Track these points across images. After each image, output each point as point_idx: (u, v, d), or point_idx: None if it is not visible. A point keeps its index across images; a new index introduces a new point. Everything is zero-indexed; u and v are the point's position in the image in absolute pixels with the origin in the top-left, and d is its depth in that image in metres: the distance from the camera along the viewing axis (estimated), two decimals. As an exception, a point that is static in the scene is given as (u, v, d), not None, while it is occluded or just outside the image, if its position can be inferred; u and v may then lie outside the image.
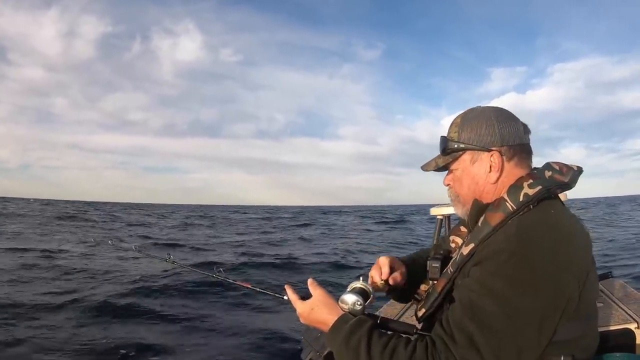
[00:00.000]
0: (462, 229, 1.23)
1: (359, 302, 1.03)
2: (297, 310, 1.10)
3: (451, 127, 1.10)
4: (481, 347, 0.85)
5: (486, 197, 1.06)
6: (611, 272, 2.66)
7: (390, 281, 1.19)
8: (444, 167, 1.13)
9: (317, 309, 1.05)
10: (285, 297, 1.16)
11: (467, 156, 1.07)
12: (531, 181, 0.99)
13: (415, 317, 1.13)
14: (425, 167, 1.16)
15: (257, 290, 1.35)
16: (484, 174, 1.05)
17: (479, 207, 1.05)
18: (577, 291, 0.90)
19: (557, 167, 1.04)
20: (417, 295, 1.27)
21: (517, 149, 1.04)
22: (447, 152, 1.09)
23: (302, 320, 1.10)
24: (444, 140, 1.10)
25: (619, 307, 2.19)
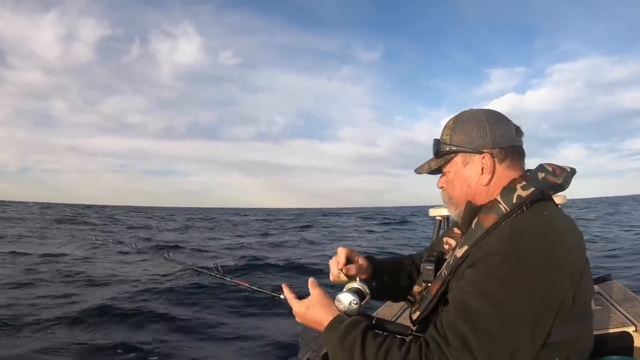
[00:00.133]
0: (456, 230, 1.24)
1: (355, 302, 1.03)
2: (293, 309, 1.11)
3: (444, 130, 1.11)
4: (474, 348, 0.85)
5: (479, 199, 1.06)
6: (610, 274, 2.67)
7: (344, 271, 1.17)
8: (437, 170, 1.14)
9: (313, 308, 1.06)
10: (282, 297, 1.17)
11: (459, 159, 1.08)
12: (524, 183, 0.99)
13: (410, 319, 1.14)
14: (418, 170, 1.18)
15: (254, 289, 1.37)
16: (476, 176, 1.06)
17: (472, 209, 1.06)
18: (571, 292, 0.90)
19: (550, 169, 1.04)
20: (411, 297, 1.27)
21: (509, 151, 1.05)
22: (439, 154, 1.11)
23: (298, 319, 1.10)
24: (437, 143, 1.11)
25: (617, 310, 2.19)
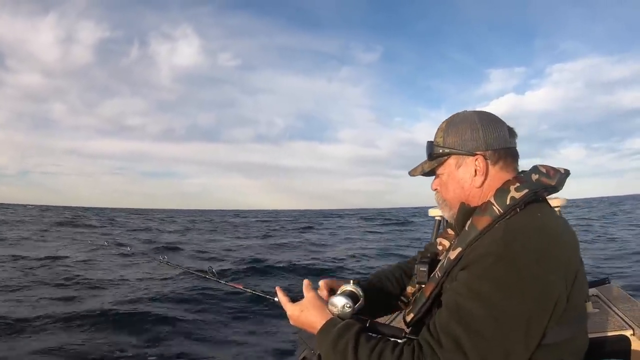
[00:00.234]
0: (450, 231, 1.24)
1: (348, 305, 1.04)
2: (287, 312, 1.12)
3: (437, 132, 1.12)
4: (468, 350, 0.85)
5: (472, 201, 1.07)
6: (609, 277, 2.67)
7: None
8: (431, 172, 1.15)
9: (307, 311, 1.07)
10: (275, 299, 1.18)
11: (452, 161, 1.09)
12: (518, 184, 1.00)
13: (403, 321, 1.14)
14: (412, 172, 1.18)
15: (248, 291, 1.38)
16: (469, 178, 1.06)
17: (466, 211, 1.06)
18: (565, 294, 0.90)
19: (544, 170, 1.04)
20: (404, 297, 1.28)
21: (502, 153, 1.05)
22: (433, 157, 1.11)
23: (292, 322, 1.11)
24: (430, 145, 1.12)
25: (616, 313, 2.20)
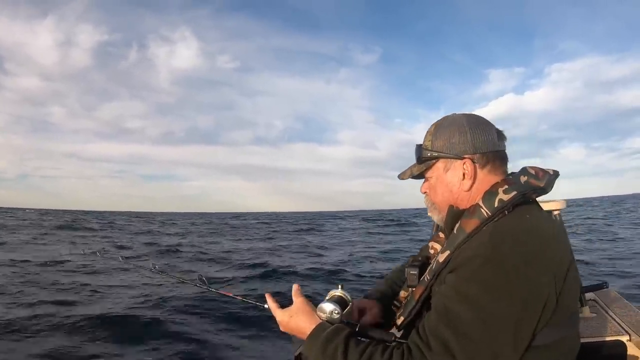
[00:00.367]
0: (441, 235, 1.25)
1: (337, 311, 1.05)
2: (276, 318, 1.13)
3: (426, 135, 1.13)
4: (456, 353, 0.85)
5: (461, 204, 1.08)
6: (606, 282, 2.66)
7: (361, 322, 1.17)
8: (420, 175, 1.16)
9: (296, 317, 1.08)
10: (265, 306, 1.20)
11: (440, 164, 1.10)
12: (506, 187, 1.00)
13: (394, 324, 1.15)
14: (401, 176, 1.19)
15: (238, 298, 1.39)
16: (458, 182, 1.07)
17: (455, 214, 1.07)
18: (554, 296, 0.91)
19: (532, 172, 1.05)
20: (397, 302, 1.28)
21: (491, 156, 1.06)
22: (421, 160, 1.12)
23: (281, 328, 1.12)
24: (419, 148, 1.13)
25: (612, 318, 2.20)
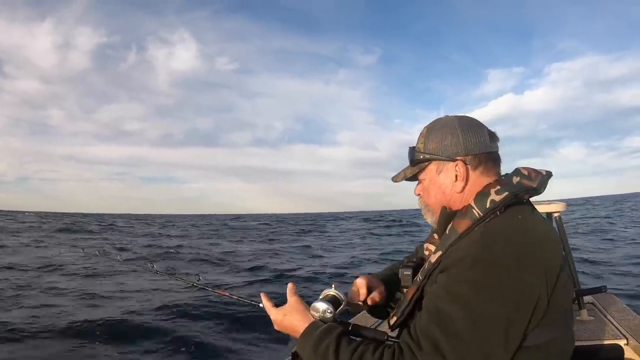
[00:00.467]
0: (436, 236, 1.25)
1: (329, 310, 1.07)
2: (271, 317, 1.15)
3: (419, 137, 1.15)
4: (447, 353, 0.86)
5: (454, 206, 1.09)
6: (605, 286, 2.72)
7: (369, 301, 1.22)
8: (414, 177, 1.18)
9: (289, 315, 1.10)
10: (260, 305, 1.22)
11: (433, 166, 1.12)
12: (498, 187, 1.02)
13: (387, 324, 1.16)
14: (395, 178, 1.21)
15: (234, 298, 1.42)
16: (450, 184, 1.09)
17: (447, 215, 1.08)
18: (545, 296, 0.91)
19: (525, 173, 1.06)
20: (393, 303, 1.29)
21: (483, 158, 1.08)
22: (414, 162, 1.14)
23: (275, 327, 1.14)
24: (411, 151, 1.15)
25: (610, 322, 2.24)
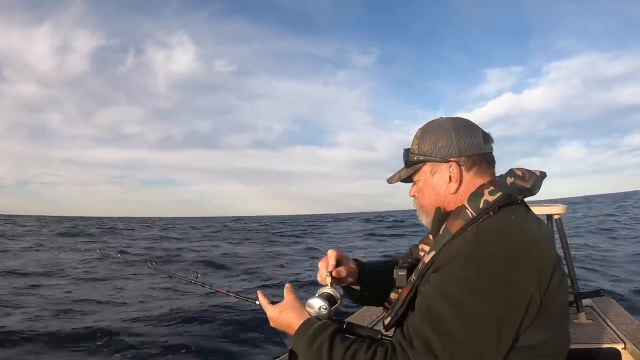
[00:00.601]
0: (431, 237, 1.25)
1: (324, 307, 1.08)
2: (267, 314, 1.17)
3: (413, 139, 1.16)
4: (438, 353, 0.88)
5: (448, 207, 1.11)
6: (603, 289, 2.77)
7: (333, 274, 1.19)
8: (408, 179, 1.19)
9: (285, 312, 1.12)
10: (257, 302, 1.23)
11: (427, 168, 1.13)
12: (492, 188, 1.03)
13: (382, 324, 1.17)
14: (390, 180, 1.23)
15: (231, 295, 1.44)
16: (444, 185, 1.11)
17: (441, 216, 1.10)
18: (538, 296, 0.92)
19: (519, 173, 1.08)
20: (388, 303, 1.29)
21: (477, 159, 1.09)
22: (409, 164, 1.16)
23: (272, 324, 1.16)
24: (406, 153, 1.16)
25: (608, 326, 2.27)
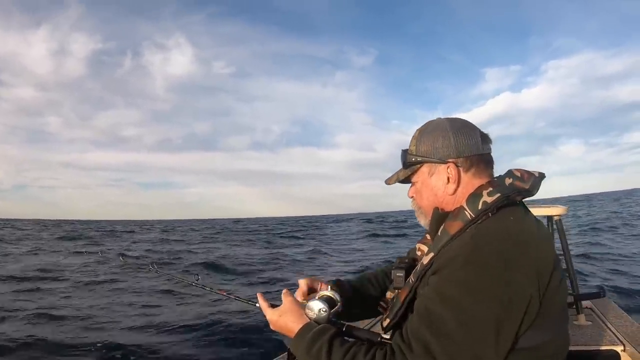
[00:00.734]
0: (429, 237, 1.27)
1: (324, 310, 1.09)
2: (267, 317, 1.18)
3: (411, 140, 1.17)
4: (437, 355, 0.88)
5: (446, 208, 1.11)
6: (604, 291, 2.78)
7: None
8: (407, 180, 1.20)
9: (284, 316, 1.13)
10: (257, 305, 1.25)
11: (425, 169, 1.14)
12: (490, 189, 1.04)
13: (381, 326, 1.18)
14: (388, 181, 1.23)
15: (232, 297, 1.45)
16: (442, 186, 1.11)
17: (439, 217, 1.10)
18: (537, 297, 0.93)
19: (518, 174, 1.09)
20: (384, 303, 1.31)
21: (475, 160, 1.10)
22: (406, 165, 1.17)
23: (271, 327, 1.17)
24: (404, 154, 1.17)
25: (608, 328, 2.29)
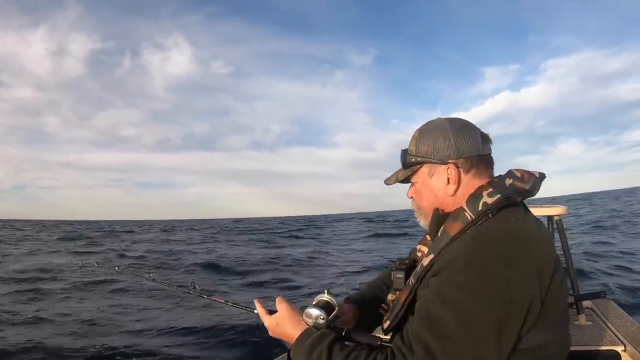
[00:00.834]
0: (429, 238, 1.26)
1: (322, 317, 1.09)
2: (265, 324, 1.18)
3: (411, 140, 1.16)
4: (438, 357, 0.88)
5: (446, 209, 1.11)
6: (604, 291, 2.78)
7: (336, 324, 1.17)
8: (406, 180, 1.19)
9: (283, 323, 1.13)
10: (255, 311, 1.24)
11: (425, 169, 1.13)
12: (491, 190, 1.03)
13: (381, 328, 1.18)
14: (387, 181, 1.23)
15: (229, 304, 1.44)
16: (442, 187, 1.10)
17: (439, 217, 1.10)
18: (538, 298, 0.93)
19: (518, 174, 1.08)
20: (385, 305, 1.30)
21: (475, 160, 1.09)
22: (406, 165, 1.16)
23: (270, 333, 1.17)
24: (403, 154, 1.16)
25: (609, 328, 2.29)
